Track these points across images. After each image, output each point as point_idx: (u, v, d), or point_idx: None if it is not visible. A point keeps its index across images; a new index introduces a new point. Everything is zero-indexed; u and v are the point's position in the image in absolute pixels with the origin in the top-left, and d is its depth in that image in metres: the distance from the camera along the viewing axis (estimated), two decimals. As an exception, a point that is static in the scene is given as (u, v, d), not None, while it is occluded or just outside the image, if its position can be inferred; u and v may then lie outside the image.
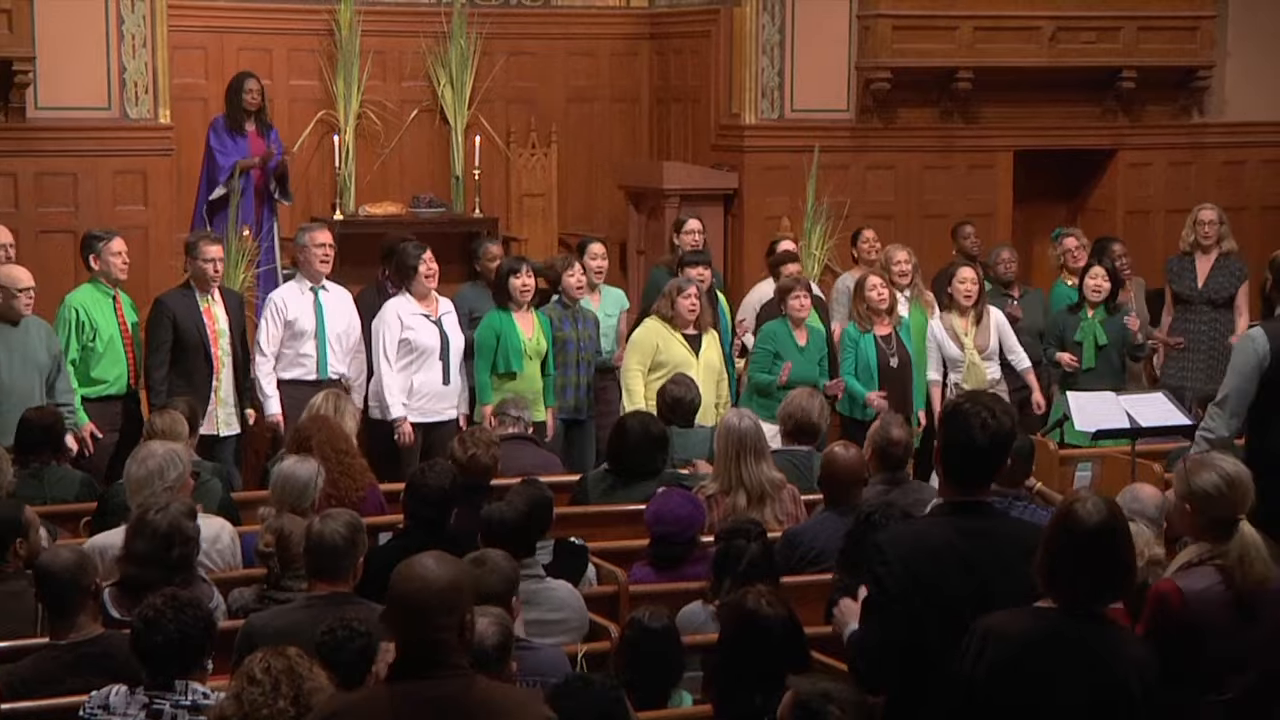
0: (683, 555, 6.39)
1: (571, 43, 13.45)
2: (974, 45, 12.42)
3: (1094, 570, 4.01)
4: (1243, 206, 13.07)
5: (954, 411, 4.38)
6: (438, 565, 3.70)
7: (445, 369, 9.08)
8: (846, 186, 12.38)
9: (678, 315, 9.04)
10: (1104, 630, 4.05)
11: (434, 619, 3.62)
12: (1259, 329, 6.73)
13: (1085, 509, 4.03)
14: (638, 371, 9.01)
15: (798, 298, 9.39)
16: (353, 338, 9.26)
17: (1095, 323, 9.72)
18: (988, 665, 3.97)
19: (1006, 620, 4.03)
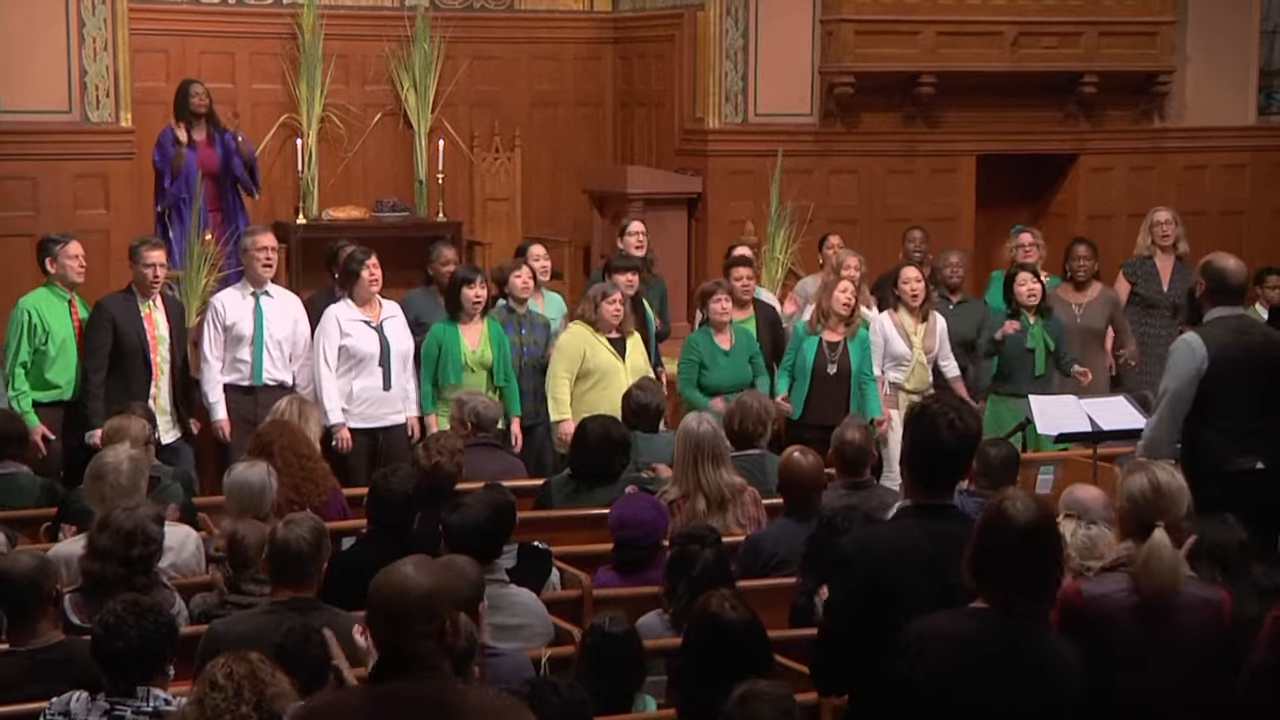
0: (646, 559, 6.39)
1: (535, 47, 13.45)
2: (936, 50, 12.47)
3: (1025, 569, 4.03)
4: (1202, 211, 13.17)
5: (921, 414, 4.39)
6: (418, 572, 3.70)
7: (386, 374, 9.03)
8: (810, 190, 12.41)
9: (601, 319, 9.01)
10: (1036, 630, 4.07)
11: (415, 626, 3.63)
12: (1195, 335, 6.74)
13: (1015, 508, 4.04)
14: (564, 379, 8.97)
15: (719, 301, 9.35)
16: (299, 344, 9.19)
17: (1042, 330, 9.74)
18: (925, 667, 3.98)
19: (940, 622, 4.04)
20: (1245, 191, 13.71)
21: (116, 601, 4.78)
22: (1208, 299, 6.79)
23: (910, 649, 4.01)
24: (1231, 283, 6.77)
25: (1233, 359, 6.58)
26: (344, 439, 8.91)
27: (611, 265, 9.81)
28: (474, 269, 9.57)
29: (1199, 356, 6.58)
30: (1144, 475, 4.76)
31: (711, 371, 9.27)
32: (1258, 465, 6.60)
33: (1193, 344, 6.65)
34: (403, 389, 9.09)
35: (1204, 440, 6.63)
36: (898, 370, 9.65)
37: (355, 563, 6.15)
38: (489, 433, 8.09)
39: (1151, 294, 10.65)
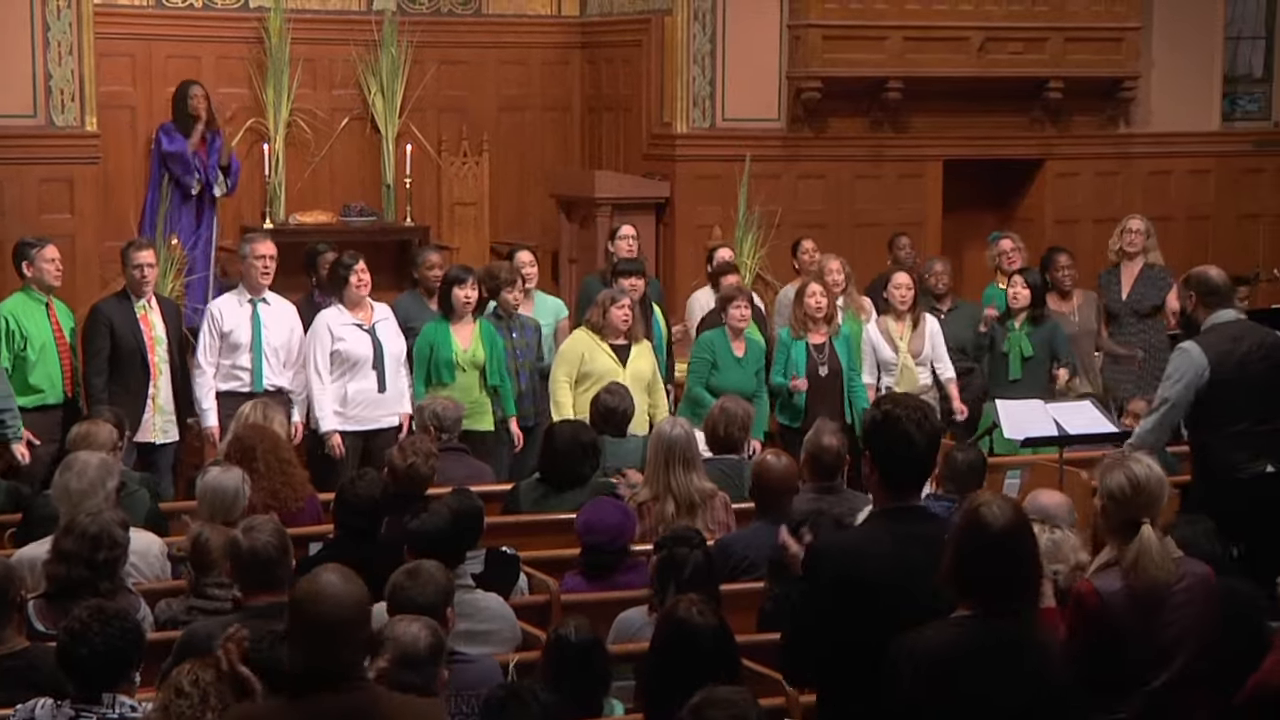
0: (614, 564, 6.39)
1: (503, 51, 13.44)
2: (903, 55, 12.50)
3: (1006, 571, 4.04)
4: (1168, 216, 13.23)
5: (885, 418, 4.39)
6: (344, 582, 3.68)
7: (380, 376, 9.04)
8: (778, 195, 12.43)
9: (609, 325, 9.03)
10: (1023, 631, 4.08)
11: (344, 637, 3.61)
12: (1194, 343, 6.77)
13: (992, 512, 4.06)
14: (564, 383, 9.00)
15: (739, 307, 9.39)
16: (295, 350, 9.19)
17: (1021, 334, 9.77)
18: (918, 684, 3.99)
19: (929, 636, 4.05)
20: (1210, 197, 13.78)
21: (81, 608, 4.75)
22: (1201, 308, 6.83)
23: (901, 667, 4.01)
24: (1218, 284, 6.85)
25: (1234, 364, 6.64)
26: (335, 445, 8.92)
27: (617, 269, 9.84)
28: (465, 269, 9.56)
29: (1199, 365, 6.62)
30: (1121, 472, 4.76)
31: (722, 374, 9.30)
32: (1269, 469, 6.65)
33: (1192, 352, 6.68)
34: (398, 391, 9.10)
35: (1214, 448, 6.67)
36: (887, 375, 9.70)
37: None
38: (453, 435, 8.08)
39: (1110, 303, 10.70)
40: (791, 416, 9.42)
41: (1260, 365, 6.69)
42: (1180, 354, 6.75)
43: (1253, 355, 6.69)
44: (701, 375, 9.32)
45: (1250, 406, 6.63)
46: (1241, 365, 6.64)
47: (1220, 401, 6.60)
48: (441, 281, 9.33)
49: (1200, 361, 6.61)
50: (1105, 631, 4.53)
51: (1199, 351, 6.65)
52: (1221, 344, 6.67)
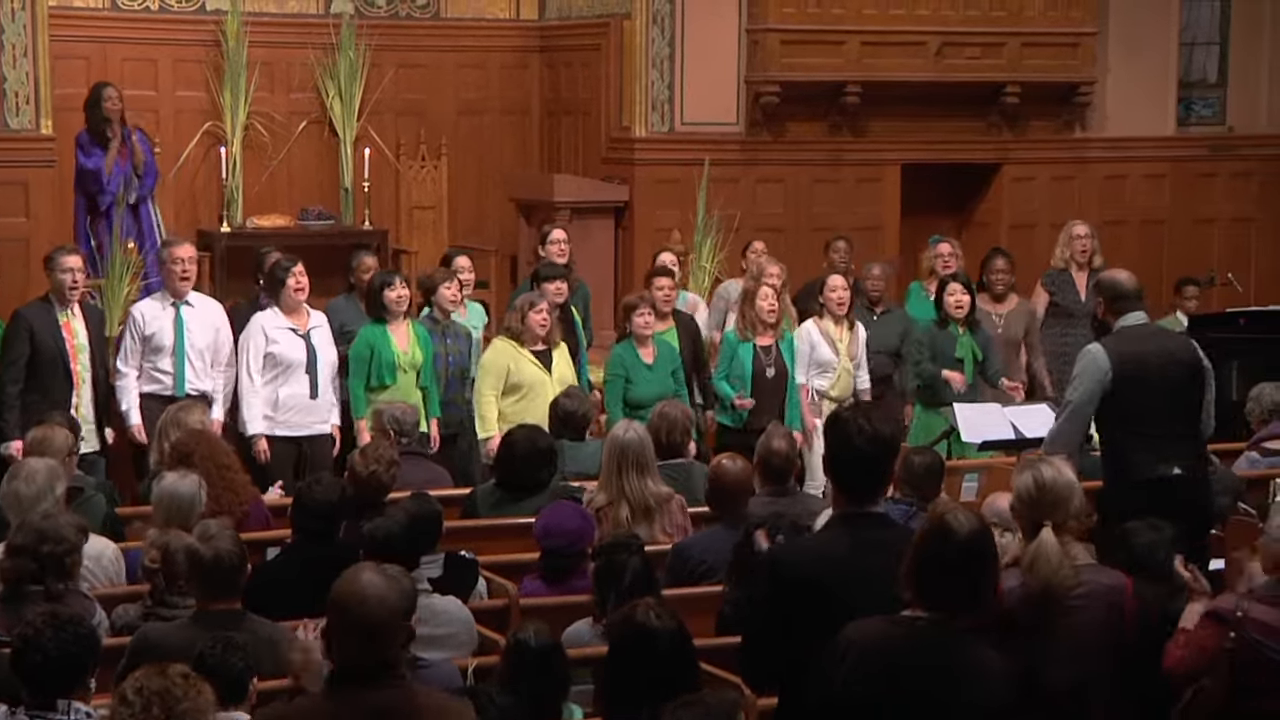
0: (572, 568, 6.38)
1: (461, 55, 13.42)
2: (861, 60, 12.55)
3: (966, 580, 4.06)
4: (1123, 220, 13.32)
5: (834, 423, 4.43)
6: (385, 582, 3.69)
7: (313, 382, 8.98)
8: (736, 199, 12.45)
9: (527, 330, 8.98)
10: (968, 641, 4.09)
11: (386, 636, 3.62)
12: (1099, 345, 6.81)
13: (958, 520, 4.07)
14: (490, 397, 8.92)
15: (641, 314, 9.35)
16: (222, 352, 9.11)
17: (970, 339, 9.79)
18: (852, 673, 4.00)
19: (871, 629, 4.06)
20: (1165, 201, 13.87)
21: (36, 614, 4.71)
22: (1110, 312, 6.88)
23: (839, 655, 4.02)
24: (1126, 288, 6.86)
25: (1138, 366, 6.66)
26: (261, 450, 8.84)
27: (539, 274, 9.79)
28: (391, 272, 9.53)
29: (1102, 366, 6.66)
30: (1030, 473, 4.81)
31: (636, 385, 9.26)
32: (1175, 471, 6.67)
33: (1096, 354, 6.73)
34: (329, 398, 9.04)
35: (1123, 449, 6.70)
36: (822, 377, 9.68)
37: (280, 573, 6.12)
38: (412, 438, 8.06)
39: (1069, 303, 10.75)
40: (733, 418, 9.43)
41: (1167, 368, 6.71)
42: (1085, 356, 6.80)
43: (1160, 358, 6.72)
44: (617, 394, 9.26)
45: (1157, 409, 6.64)
46: (1147, 367, 6.66)
47: (1127, 403, 6.63)
48: (368, 286, 9.28)
49: (1103, 364, 6.65)
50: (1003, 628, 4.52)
51: (1103, 354, 6.69)
52: (1126, 346, 6.71)
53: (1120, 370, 6.62)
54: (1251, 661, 4.60)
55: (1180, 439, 6.73)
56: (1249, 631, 4.59)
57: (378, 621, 3.61)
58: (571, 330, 9.62)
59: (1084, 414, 6.70)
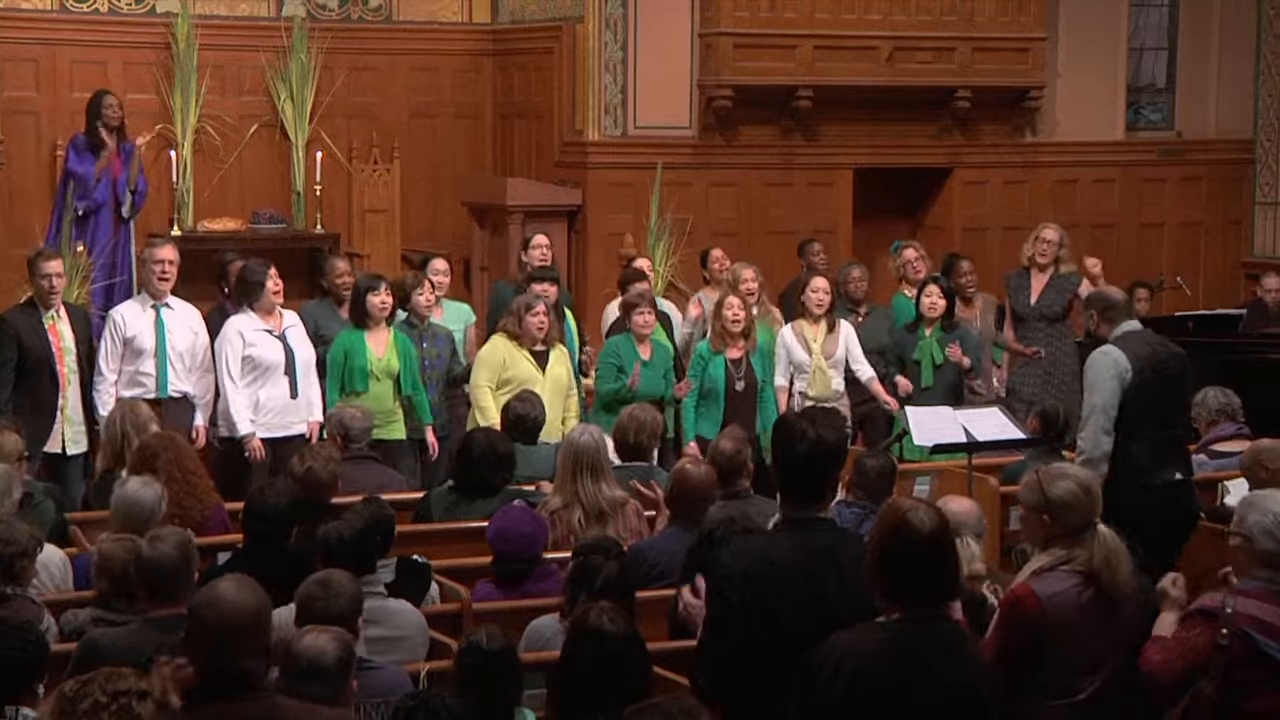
0: (525, 572, 6.37)
1: (414, 58, 13.39)
2: (813, 64, 12.58)
3: (933, 575, 4.08)
4: (1074, 224, 13.37)
5: (778, 426, 4.46)
6: (240, 591, 3.66)
7: (292, 383, 8.98)
8: (689, 203, 12.47)
9: (525, 332, 9.01)
10: (950, 634, 4.12)
11: (241, 646, 3.58)
12: (1113, 346, 6.85)
13: (919, 517, 4.09)
14: (486, 388, 8.97)
15: (642, 313, 9.43)
16: (199, 355, 9.12)
17: (933, 341, 9.82)
18: (845, 685, 4.00)
19: (857, 638, 4.06)
20: (1114, 205, 13.97)
21: (-17, 620, 4.68)
22: (1104, 323, 6.92)
23: (827, 669, 4.02)
24: (1118, 299, 6.98)
25: (1152, 370, 6.73)
26: (256, 448, 8.87)
27: (531, 276, 9.82)
28: (376, 276, 9.53)
29: (1121, 365, 6.70)
30: (1069, 480, 4.78)
31: (629, 378, 9.30)
32: (1177, 476, 6.73)
33: (1112, 354, 6.76)
34: (307, 398, 9.04)
35: (1129, 453, 6.74)
36: (800, 379, 9.72)
37: (231, 578, 6.09)
38: (360, 444, 8.04)
39: (1019, 305, 10.81)
40: (708, 429, 9.44)
41: (1168, 373, 6.78)
42: (1101, 356, 6.82)
43: (1160, 363, 6.79)
44: (609, 379, 9.34)
45: (1159, 413, 6.72)
46: (1155, 371, 6.74)
47: (1136, 405, 6.69)
48: (353, 290, 9.28)
49: (1122, 361, 6.71)
50: (1041, 635, 4.54)
51: (1119, 353, 6.74)
52: (1138, 347, 6.78)
53: (1138, 371, 6.68)
54: (1244, 657, 4.61)
55: (1176, 443, 6.82)
56: (1241, 627, 4.59)
57: (228, 628, 3.57)
58: (563, 334, 9.64)
59: (1110, 414, 6.70)
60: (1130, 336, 6.85)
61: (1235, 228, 14.38)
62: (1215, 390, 8.52)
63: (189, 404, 9.01)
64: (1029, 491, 4.85)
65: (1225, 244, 14.33)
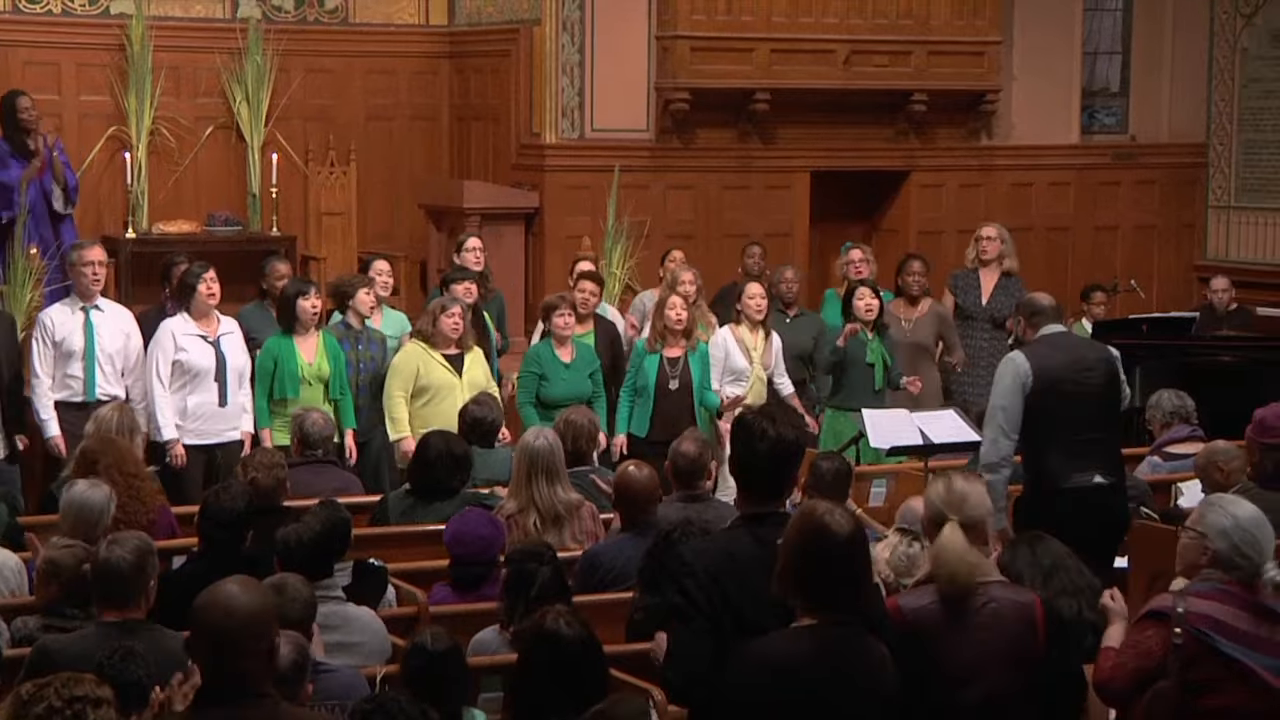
0: (483, 576, 6.37)
1: (370, 60, 13.36)
2: (770, 67, 12.61)
3: (849, 580, 4.10)
4: (1029, 227, 13.47)
5: (739, 424, 4.47)
6: (244, 592, 3.65)
7: (222, 390, 8.92)
8: (647, 206, 12.47)
9: (439, 334, 8.98)
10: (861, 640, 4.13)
11: (242, 647, 3.57)
12: (1018, 352, 6.88)
13: (836, 520, 4.10)
14: (400, 398, 8.93)
15: (561, 315, 9.39)
16: (132, 357, 9.05)
17: (880, 345, 9.86)
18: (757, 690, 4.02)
19: (769, 645, 4.08)
20: (1069, 209, 14.05)
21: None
22: (1030, 329, 6.95)
23: (741, 674, 4.04)
24: (1044, 304, 6.96)
25: (1058, 373, 6.72)
26: (178, 455, 8.79)
27: (447, 277, 9.78)
28: (306, 281, 9.50)
29: (1022, 371, 6.71)
30: (940, 482, 4.81)
31: (551, 384, 9.28)
32: (1096, 480, 6.73)
33: (1016, 360, 6.80)
34: (239, 405, 8.98)
35: (1043, 458, 6.75)
36: (737, 385, 9.71)
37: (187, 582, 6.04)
38: (322, 448, 8.01)
39: (969, 306, 10.85)
40: (638, 426, 9.45)
41: (1086, 377, 6.79)
42: (1005, 363, 6.87)
43: (1079, 367, 6.79)
44: (530, 390, 9.30)
45: (1076, 417, 6.71)
46: (1066, 376, 6.73)
47: (1046, 411, 6.69)
48: (281, 296, 9.22)
49: (1023, 366, 6.71)
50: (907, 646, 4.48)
51: (1021, 359, 6.77)
52: (1045, 352, 6.78)
53: (1041, 375, 6.68)
54: (1199, 656, 4.62)
55: (1099, 446, 6.80)
56: (1194, 626, 4.60)
57: (229, 630, 3.56)
58: (484, 335, 9.60)
59: (1011, 417, 6.71)
60: (1042, 341, 6.84)
61: (1188, 231, 14.49)
62: (1169, 393, 8.57)
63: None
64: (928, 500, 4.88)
65: (1178, 247, 14.43)
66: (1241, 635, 4.57)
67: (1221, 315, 12.32)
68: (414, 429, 8.64)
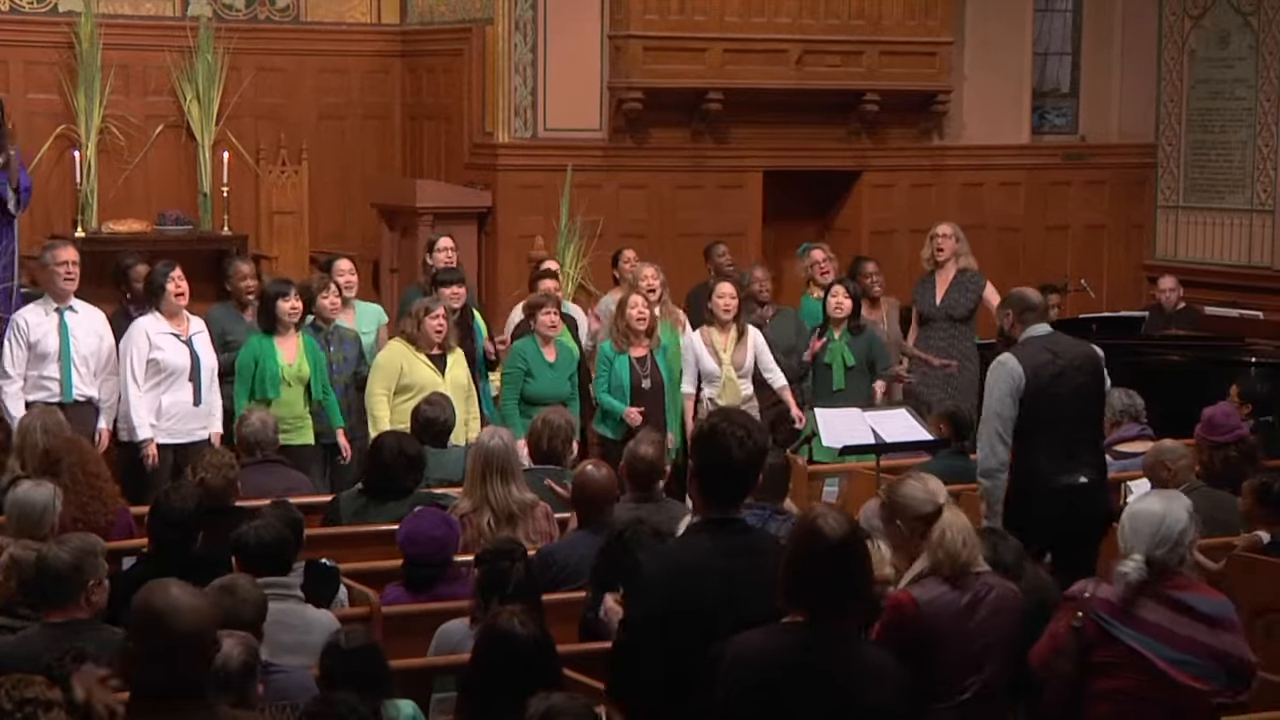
0: (436, 576, 6.35)
1: (322, 59, 13.31)
2: (723, 67, 12.63)
3: (841, 582, 4.10)
4: (981, 226, 13.53)
5: (710, 431, 4.43)
6: (184, 595, 3.61)
7: (196, 389, 8.90)
8: (600, 205, 12.47)
9: (423, 335, 8.98)
10: (853, 642, 4.15)
11: (184, 651, 3.54)
12: (1009, 355, 6.91)
13: (829, 523, 4.12)
14: (382, 396, 8.93)
15: (548, 314, 9.41)
16: (104, 358, 9.02)
17: (842, 344, 9.89)
18: (739, 686, 4.02)
19: (755, 640, 4.08)
20: (1020, 209, 14.13)
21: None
22: (1019, 324, 6.98)
23: (724, 668, 4.04)
24: (1034, 301, 7.02)
25: (1048, 374, 6.77)
26: (151, 455, 8.78)
27: (437, 279, 9.77)
28: (285, 281, 9.47)
29: (1015, 375, 6.74)
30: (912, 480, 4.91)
31: (536, 381, 9.31)
32: (1081, 480, 6.78)
33: (1007, 363, 6.81)
34: (210, 404, 8.96)
35: (1032, 458, 6.79)
36: (710, 386, 9.74)
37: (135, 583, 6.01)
38: (266, 450, 7.97)
39: (925, 308, 10.90)
40: (613, 429, 9.44)
41: (1074, 377, 6.84)
42: (997, 367, 6.88)
43: (1067, 367, 6.84)
44: (516, 385, 9.31)
45: (1065, 417, 6.77)
46: (1057, 376, 6.78)
47: (1036, 412, 6.74)
48: (260, 296, 9.21)
49: (1016, 371, 6.75)
50: (920, 638, 4.61)
51: (1014, 362, 6.79)
52: (1037, 355, 6.81)
53: (1033, 378, 6.72)
54: (1095, 638, 4.74)
55: (1086, 445, 6.86)
56: (1094, 609, 4.73)
57: (181, 638, 3.53)
58: (471, 335, 9.61)
59: (1005, 423, 6.75)
60: (1030, 343, 6.89)
61: (1137, 231, 14.59)
62: (1119, 391, 8.63)
63: (94, 408, 8.91)
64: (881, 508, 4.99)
65: (1128, 247, 14.53)
66: (1141, 623, 4.68)
67: (1170, 314, 12.41)
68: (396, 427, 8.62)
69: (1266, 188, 13.92)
